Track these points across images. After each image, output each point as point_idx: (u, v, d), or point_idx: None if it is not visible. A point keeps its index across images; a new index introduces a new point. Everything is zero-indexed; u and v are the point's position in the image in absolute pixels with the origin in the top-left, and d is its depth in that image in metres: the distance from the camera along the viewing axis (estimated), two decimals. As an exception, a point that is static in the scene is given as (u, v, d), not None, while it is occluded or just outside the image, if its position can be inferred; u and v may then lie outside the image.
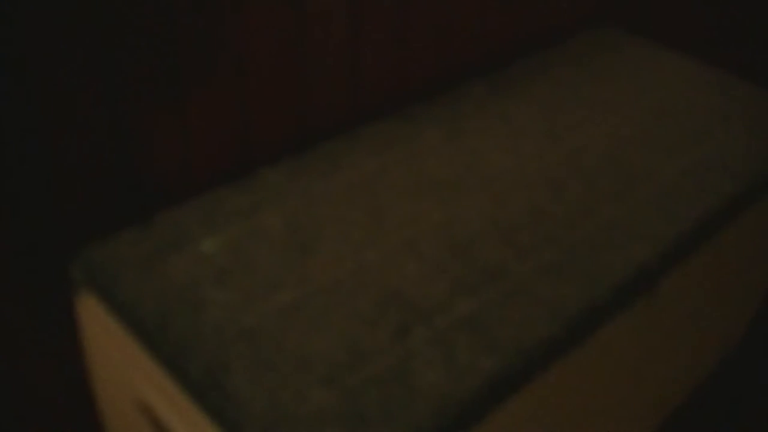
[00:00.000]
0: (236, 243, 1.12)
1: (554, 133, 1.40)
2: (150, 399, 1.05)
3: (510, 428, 1.07)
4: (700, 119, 1.48)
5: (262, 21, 1.16)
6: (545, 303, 1.08)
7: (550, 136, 1.39)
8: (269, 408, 0.92)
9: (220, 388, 0.94)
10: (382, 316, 1.04)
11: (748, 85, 1.60)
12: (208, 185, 1.22)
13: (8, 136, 0.98)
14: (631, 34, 1.76)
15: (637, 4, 1.88)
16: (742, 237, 1.42)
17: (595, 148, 1.38)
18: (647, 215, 1.25)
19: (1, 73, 0.93)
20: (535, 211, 1.23)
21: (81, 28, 0.97)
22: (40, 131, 1.00)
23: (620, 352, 1.26)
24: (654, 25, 1.87)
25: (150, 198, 1.17)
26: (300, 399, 0.93)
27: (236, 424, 0.91)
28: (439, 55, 1.47)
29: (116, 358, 1.09)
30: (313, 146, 1.33)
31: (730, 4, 2.13)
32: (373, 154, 1.31)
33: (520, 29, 1.61)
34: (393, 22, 1.35)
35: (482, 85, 1.52)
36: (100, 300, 1.07)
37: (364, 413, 0.92)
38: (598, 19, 1.79)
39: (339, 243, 1.14)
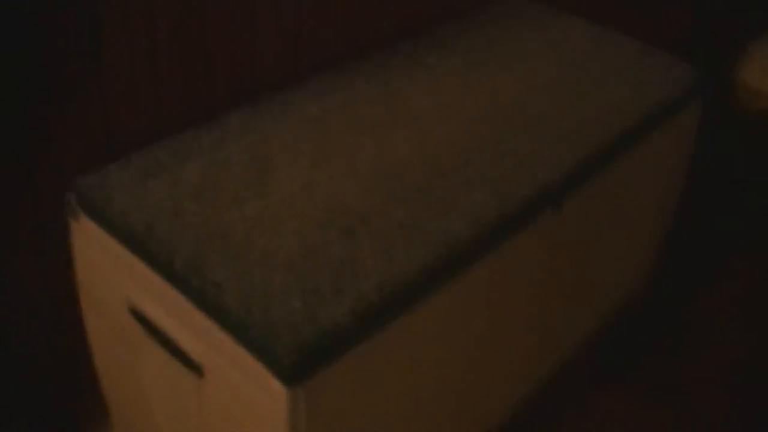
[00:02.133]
0: (205, 170, 1.33)
1: (471, 81, 1.63)
2: (139, 298, 1.25)
3: (441, 314, 1.28)
4: (596, 71, 1.73)
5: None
6: (465, 208, 1.31)
7: (468, 85, 1.62)
8: (243, 288, 1.13)
9: (200, 276, 1.15)
10: (330, 220, 1.26)
11: (638, 43, 1.85)
12: (179, 128, 1.43)
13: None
14: (540, 2, 2.00)
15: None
16: (632, 169, 1.66)
17: (506, 94, 1.61)
18: (551, 146, 1.49)
19: None
20: (454, 142, 1.46)
21: None
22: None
23: (532, 263, 1.48)
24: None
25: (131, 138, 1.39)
26: (267, 280, 1.15)
27: (216, 303, 1.12)
28: (371, 20, 1.71)
29: (108, 268, 1.29)
30: (265, 95, 1.54)
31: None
32: (315, 100, 1.53)
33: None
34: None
35: (408, 44, 1.74)
36: (94, 219, 1.27)
37: (318, 289, 1.14)
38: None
39: (291, 167, 1.35)
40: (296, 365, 1.06)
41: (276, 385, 1.07)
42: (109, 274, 1.30)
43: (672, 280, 2.19)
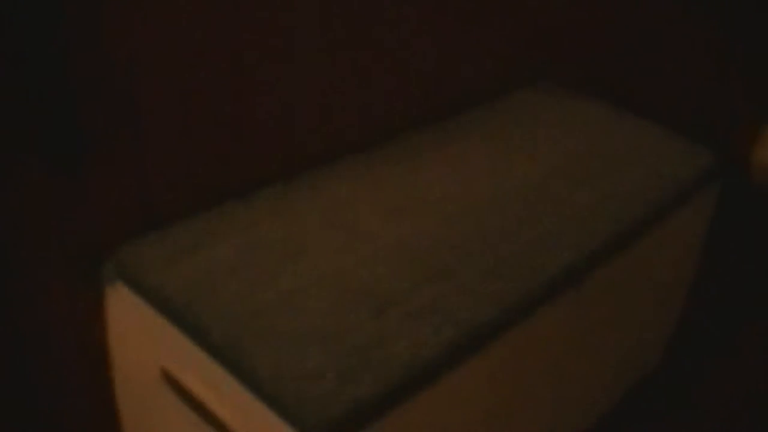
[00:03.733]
0: (240, 247, 1.39)
1: (495, 168, 1.70)
2: (174, 366, 1.30)
3: (464, 389, 1.33)
4: (616, 154, 1.79)
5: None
6: (489, 295, 1.36)
7: (492, 171, 1.69)
8: (277, 364, 1.18)
9: (237, 349, 1.20)
10: (360, 302, 1.31)
11: (657, 127, 1.92)
12: (215, 202, 1.49)
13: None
14: (563, 87, 2.07)
15: (569, 64, 2.20)
16: (650, 250, 1.71)
17: (530, 180, 1.67)
18: (573, 230, 1.54)
19: None
20: (478, 227, 1.52)
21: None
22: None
23: (553, 339, 1.53)
24: (584, 81, 2.19)
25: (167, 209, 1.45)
26: (300, 358, 1.20)
27: (251, 375, 1.17)
28: (398, 108, 1.78)
29: (143, 337, 1.35)
30: (298, 175, 1.61)
31: (642, 56, 2.47)
32: (346, 182, 1.59)
33: (468, 86, 1.93)
34: (361, 84, 1.65)
35: (435, 131, 1.81)
36: (131, 289, 1.33)
37: (351, 369, 1.19)
38: (535, 75, 2.12)
39: (322, 249, 1.41)
40: (327, 440, 1.11)
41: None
42: (143, 342, 1.36)
43: (687, 355, 2.22)
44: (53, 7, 1.16)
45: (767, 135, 2.78)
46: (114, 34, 1.25)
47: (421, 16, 1.71)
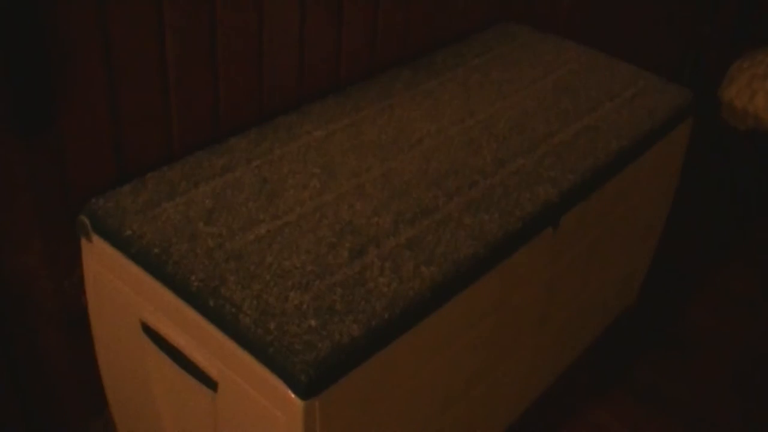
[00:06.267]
0: (218, 192, 1.37)
1: (470, 105, 1.68)
2: (153, 317, 1.29)
3: (447, 328, 1.33)
4: (590, 94, 1.78)
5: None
6: (469, 228, 1.35)
7: (467, 108, 1.67)
8: (258, 306, 1.17)
9: (217, 295, 1.19)
10: (340, 240, 1.30)
11: (630, 66, 1.91)
12: (189, 151, 1.47)
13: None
14: (531, 27, 2.06)
15: (534, 5, 2.19)
16: (627, 186, 1.71)
17: (504, 117, 1.66)
18: (549, 166, 1.53)
19: None
20: (456, 164, 1.50)
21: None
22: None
23: (532, 275, 1.52)
24: (549, 21, 2.18)
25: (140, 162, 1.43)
26: (282, 299, 1.18)
27: (233, 322, 1.16)
28: (371, 50, 1.76)
29: (121, 288, 1.33)
30: (271, 120, 1.58)
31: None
32: (321, 124, 1.57)
33: (438, 27, 1.91)
34: (333, 26, 1.63)
35: (409, 70, 1.79)
36: (108, 240, 1.31)
37: (332, 307, 1.18)
38: (503, 17, 2.10)
39: (300, 190, 1.40)
40: (312, 381, 1.10)
41: (292, 399, 1.10)
42: (122, 294, 1.34)
43: (663, 292, 2.24)
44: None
45: (733, 77, 2.79)
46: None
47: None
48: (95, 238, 1.33)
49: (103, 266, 1.35)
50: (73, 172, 1.34)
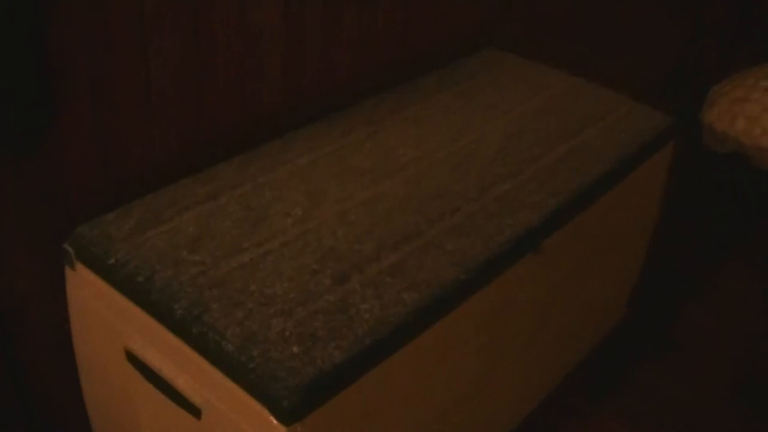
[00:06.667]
0: (201, 220, 1.38)
1: (454, 131, 1.70)
2: (137, 345, 1.29)
3: (430, 353, 1.33)
4: (571, 118, 1.80)
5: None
6: (451, 254, 1.36)
7: (451, 134, 1.69)
8: (242, 333, 1.18)
9: (200, 323, 1.19)
10: (323, 267, 1.31)
11: (612, 92, 1.93)
12: (174, 178, 1.48)
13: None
14: (512, 53, 2.08)
15: (515, 31, 2.21)
16: (610, 209, 1.72)
17: (488, 142, 1.67)
18: (532, 191, 1.55)
19: None
20: (440, 189, 1.52)
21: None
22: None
23: (516, 299, 1.53)
24: (530, 47, 2.20)
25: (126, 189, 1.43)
26: (265, 326, 1.19)
27: (217, 349, 1.16)
28: (356, 76, 1.77)
29: (105, 316, 1.33)
30: (256, 147, 1.60)
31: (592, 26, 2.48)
32: (306, 151, 1.59)
33: (422, 54, 1.93)
34: (322, 49, 1.65)
35: (393, 96, 1.81)
36: (92, 268, 1.31)
37: (315, 334, 1.19)
38: (484, 42, 2.12)
39: (283, 217, 1.41)
40: (294, 406, 1.10)
41: (275, 425, 1.11)
42: (106, 321, 1.34)
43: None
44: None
45: (714, 101, 2.81)
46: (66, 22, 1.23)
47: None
48: (79, 266, 1.34)
49: (88, 294, 1.35)
50: (60, 198, 1.36)
